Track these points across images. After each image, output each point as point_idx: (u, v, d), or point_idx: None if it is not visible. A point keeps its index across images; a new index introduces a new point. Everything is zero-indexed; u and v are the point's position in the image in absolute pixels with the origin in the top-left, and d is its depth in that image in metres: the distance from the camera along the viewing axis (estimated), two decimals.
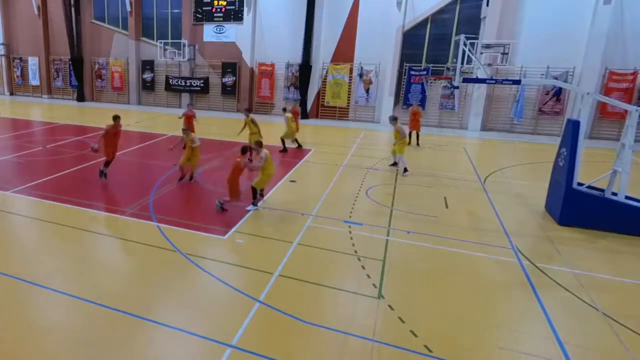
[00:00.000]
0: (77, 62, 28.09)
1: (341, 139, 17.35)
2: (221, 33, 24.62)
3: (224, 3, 24.19)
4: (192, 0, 24.79)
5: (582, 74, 18.00)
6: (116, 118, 10.47)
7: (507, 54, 17.17)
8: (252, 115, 13.27)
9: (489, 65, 17.10)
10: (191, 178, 10.59)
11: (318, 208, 8.96)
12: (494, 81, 10.14)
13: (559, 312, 5.42)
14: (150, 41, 26.43)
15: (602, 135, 18.50)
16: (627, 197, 8.09)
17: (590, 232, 8.00)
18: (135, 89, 27.54)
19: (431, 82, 20.88)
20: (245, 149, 8.70)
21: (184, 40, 24.68)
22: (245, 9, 23.39)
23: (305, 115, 23.14)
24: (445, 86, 20.43)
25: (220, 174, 11.77)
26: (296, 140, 14.77)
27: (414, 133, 16.17)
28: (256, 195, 8.78)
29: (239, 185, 8.52)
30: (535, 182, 11.10)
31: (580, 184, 8.44)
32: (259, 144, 8.75)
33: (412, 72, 20.96)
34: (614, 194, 8.16)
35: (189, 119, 14.11)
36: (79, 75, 28.41)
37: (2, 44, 30.90)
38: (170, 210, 8.66)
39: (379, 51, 21.24)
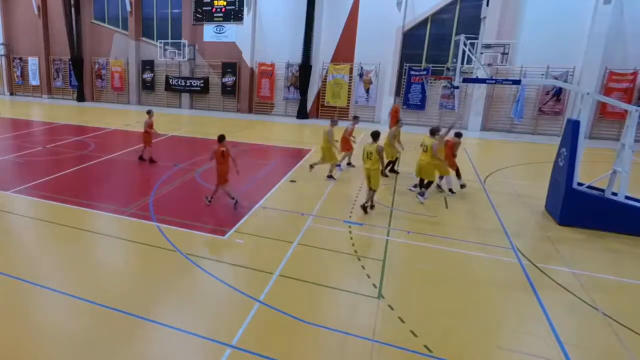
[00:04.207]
0: (77, 62, 28.08)
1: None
2: (221, 33, 24.61)
3: (224, 3, 24.18)
4: (192, 0, 24.79)
5: (582, 74, 18.00)
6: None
7: (507, 54, 17.13)
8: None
9: (489, 65, 17.07)
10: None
11: (318, 208, 8.96)
12: (494, 81, 10.14)
13: (559, 312, 5.42)
14: (150, 41, 26.42)
15: (602, 135, 18.49)
16: (627, 197, 8.08)
17: (590, 232, 8.00)
18: (135, 89, 27.53)
19: (431, 82, 20.87)
20: (433, 130, 9.50)
21: (184, 40, 24.67)
22: (245, 9, 23.38)
23: (305, 115, 23.17)
24: (445, 86, 20.43)
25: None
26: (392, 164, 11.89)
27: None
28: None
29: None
30: (535, 182, 11.09)
31: (580, 184, 8.44)
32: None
33: (412, 72, 20.96)
34: (614, 194, 8.15)
35: (150, 127, 12.49)
36: (79, 75, 28.40)
37: (2, 44, 30.91)
38: (170, 210, 8.65)
39: (379, 51, 21.23)
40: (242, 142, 16.13)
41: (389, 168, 11.58)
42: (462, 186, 10.44)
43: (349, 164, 12.40)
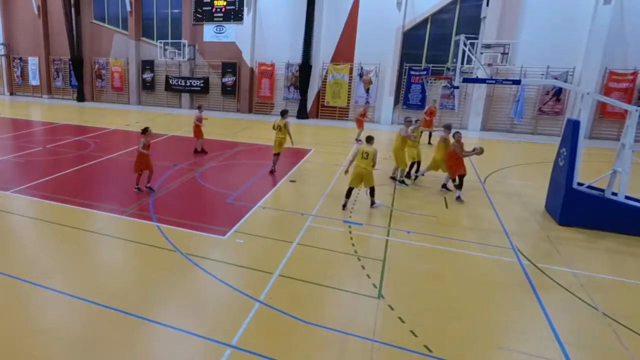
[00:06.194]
0: (77, 62, 28.07)
1: (341, 139, 17.34)
2: (221, 33, 24.62)
3: (224, 3, 24.18)
4: (192, 0, 24.80)
5: (582, 74, 18.00)
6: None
7: (507, 54, 17.15)
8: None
9: (489, 65, 17.09)
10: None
11: (318, 208, 8.96)
12: (494, 81, 10.14)
13: (559, 312, 5.42)
14: (150, 41, 26.42)
15: (602, 135, 18.50)
16: (627, 197, 8.08)
17: (590, 232, 8.00)
18: (135, 89, 27.53)
19: (431, 82, 20.88)
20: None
21: (184, 40, 24.67)
22: (245, 9, 23.38)
23: (305, 115, 23.17)
24: (445, 86, 20.43)
25: (220, 174, 11.79)
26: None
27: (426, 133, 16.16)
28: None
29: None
30: (535, 182, 11.09)
31: (580, 184, 8.44)
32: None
33: (412, 72, 20.97)
34: (614, 194, 8.15)
35: (199, 121, 13.89)
36: (79, 75, 28.40)
37: (2, 44, 30.89)
38: (170, 210, 8.65)
39: (379, 51, 21.23)
40: (243, 142, 16.14)
41: (413, 169, 11.17)
42: (445, 186, 10.49)
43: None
